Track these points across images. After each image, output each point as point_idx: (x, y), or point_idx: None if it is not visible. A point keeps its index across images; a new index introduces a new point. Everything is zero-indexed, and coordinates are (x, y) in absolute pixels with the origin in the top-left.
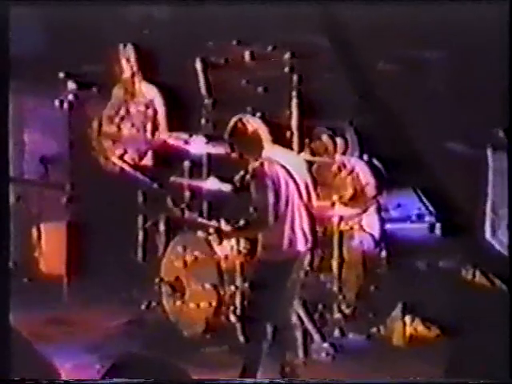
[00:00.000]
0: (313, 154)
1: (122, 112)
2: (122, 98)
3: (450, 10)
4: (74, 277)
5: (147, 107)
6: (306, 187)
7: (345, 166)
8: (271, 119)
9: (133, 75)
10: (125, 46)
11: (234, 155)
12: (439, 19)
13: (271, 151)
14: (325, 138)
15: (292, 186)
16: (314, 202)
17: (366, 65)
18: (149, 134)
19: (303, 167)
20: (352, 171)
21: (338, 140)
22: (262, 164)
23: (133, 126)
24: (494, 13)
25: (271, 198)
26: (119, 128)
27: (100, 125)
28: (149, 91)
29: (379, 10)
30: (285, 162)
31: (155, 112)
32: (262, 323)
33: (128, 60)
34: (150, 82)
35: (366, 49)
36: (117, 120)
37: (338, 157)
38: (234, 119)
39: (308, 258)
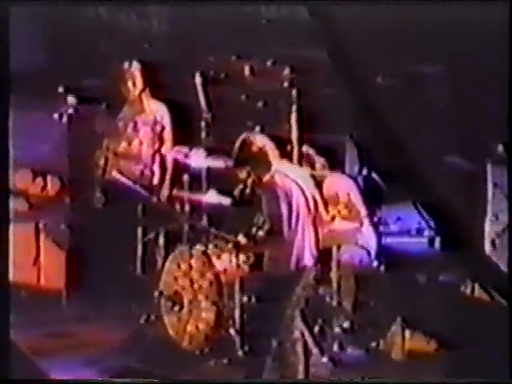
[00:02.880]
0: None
1: (126, 127)
2: (128, 114)
3: (448, 22)
4: (73, 291)
5: (153, 123)
6: (314, 202)
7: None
8: (271, 134)
9: (140, 92)
10: (130, 63)
11: (242, 174)
12: (438, 33)
13: (280, 166)
14: (310, 154)
15: (302, 199)
16: (321, 217)
17: (365, 79)
18: (151, 150)
19: (311, 182)
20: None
21: (319, 158)
22: (273, 177)
23: (136, 141)
24: (494, 28)
25: (284, 211)
26: (121, 143)
27: (102, 139)
28: (156, 108)
29: (378, 24)
30: (294, 177)
31: (161, 128)
32: (262, 337)
33: (135, 78)
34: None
35: (365, 63)
36: (120, 135)
37: (326, 172)
38: (240, 139)
39: (313, 272)
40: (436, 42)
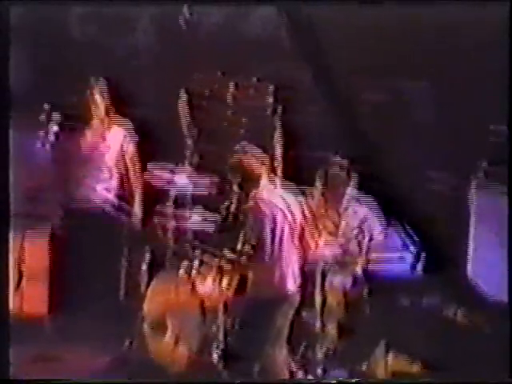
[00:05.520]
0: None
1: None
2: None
3: (436, 38)
4: (56, 316)
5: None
6: (300, 222)
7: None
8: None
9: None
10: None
11: (234, 188)
12: (425, 48)
13: (269, 184)
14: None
15: (287, 220)
16: (306, 239)
17: (350, 96)
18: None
19: (297, 203)
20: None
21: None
22: (260, 193)
23: (118, 161)
24: (491, 35)
25: (268, 233)
26: (104, 163)
27: (84, 160)
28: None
29: (363, 40)
30: (282, 194)
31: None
32: (246, 362)
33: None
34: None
35: (350, 80)
36: (100, 155)
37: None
38: (233, 153)
39: (297, 296)
40: (422, 57)
